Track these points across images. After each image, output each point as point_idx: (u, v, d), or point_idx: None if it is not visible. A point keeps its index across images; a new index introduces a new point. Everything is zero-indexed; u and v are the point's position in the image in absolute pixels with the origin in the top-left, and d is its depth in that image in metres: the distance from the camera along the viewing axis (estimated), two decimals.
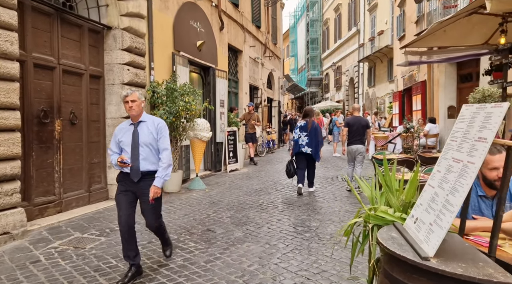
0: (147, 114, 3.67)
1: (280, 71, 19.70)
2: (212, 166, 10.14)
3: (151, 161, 3.55)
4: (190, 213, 5.95)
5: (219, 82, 10.24)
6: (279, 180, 9.02)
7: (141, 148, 3.51)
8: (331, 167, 11.35)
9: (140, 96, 3.57)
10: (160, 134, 3.57)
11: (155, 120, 3.65)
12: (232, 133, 10.55)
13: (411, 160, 5.94)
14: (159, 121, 3.65)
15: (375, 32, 26.80)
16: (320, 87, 43.19)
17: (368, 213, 1.90)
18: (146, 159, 3.52)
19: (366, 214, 1.91)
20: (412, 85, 15.25)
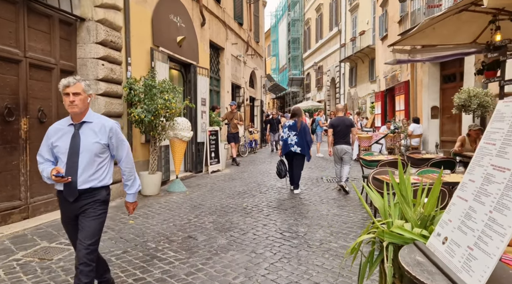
0: (94, 113, 2.83)
1: (263, 70, 19.41)
2: (193, 167, 9.76)
3: (93, 175, 2.71)
4: (170, 218, 5.58)
5: (200, 80, 9.86)
6: (263, 182, 8.72)
7: (81, 157, 2.67)
8: (315, 167, 11.12)
9: (86, 87, 2.73)
10: (116, 140, 2.80)
11: (106, 121, 2.79)
12: (214, 133, 10.19)
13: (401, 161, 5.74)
14: (111, 123, 2.80)
15: (357, 32, 26.85)
16: (302, 87, 43.17)
17: (382, 229, 1.61)
18: (86, 173, 2.68)
19: (380, 230, 1.62)
20: (394, 85, 15.22)
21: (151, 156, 7.08)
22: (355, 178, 9.01)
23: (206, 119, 10.18)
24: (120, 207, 6.13)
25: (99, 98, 6.17)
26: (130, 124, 6.88)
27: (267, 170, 10.57)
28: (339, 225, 5.22)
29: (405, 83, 13.78)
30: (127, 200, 3.04)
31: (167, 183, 8.02)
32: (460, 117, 10.76)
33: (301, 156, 7.33)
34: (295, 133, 7.28)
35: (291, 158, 7.43)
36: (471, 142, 6.48)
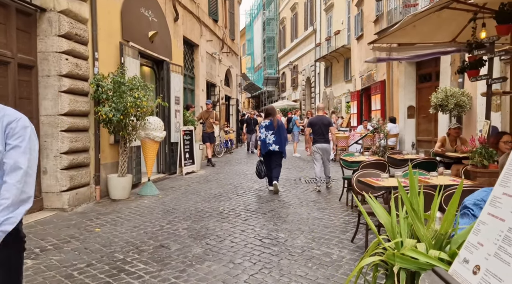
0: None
1: (238, 68, 19.09)
2: (166, 168, 9.33)
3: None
4: (140, 224, 5.18)
5: (174, 78, 9.44)
6: (239, 184, 8.40)
7: None
8: (292, 168, 10.90)
9: None
10: (13, 139, 1.89)
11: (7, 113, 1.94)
12: (188, 133, 9.79)
13: (382, 162, 5.56)
14: (13, 116, 1.93)
15: (332, 32, 26.91)
16: (277, 86, 43.10)
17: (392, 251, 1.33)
18: None
19: (389, 252, 1.34)
20: (370, 84, 15.22)
21: (121, 158, 6.65)
22: (333, 179, 8.83)
23: (180, 119, 9.78)
24: (86, 214, 5.68)
25: (62, 95, 5.69)
26: (98, 123, 6.42)
27: (243, 171, 10.26)
28: (321, 229, 4.97)
29: (381, 82, 13.77)
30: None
31: (138, 186, 7.59)
32: (436, 117, 10.77)
33: (279, 153, 7.45)
34: (272, 132, 7.35)
35: (269, 157, 7.46)
36: (451, 141, 6.39)
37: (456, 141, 6.41)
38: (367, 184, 3.87)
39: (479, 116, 8.45)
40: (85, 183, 6.21)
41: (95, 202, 6.42)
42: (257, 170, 7.57)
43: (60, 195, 5.71)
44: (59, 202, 5.71)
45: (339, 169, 9.86)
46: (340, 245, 4.38)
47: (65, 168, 5.75)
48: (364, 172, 4.50)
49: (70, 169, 5.85)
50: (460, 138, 6.40)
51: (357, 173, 4.47)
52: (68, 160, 5.77)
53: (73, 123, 5.88)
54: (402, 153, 6.57)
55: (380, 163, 5.59)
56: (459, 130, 6.34)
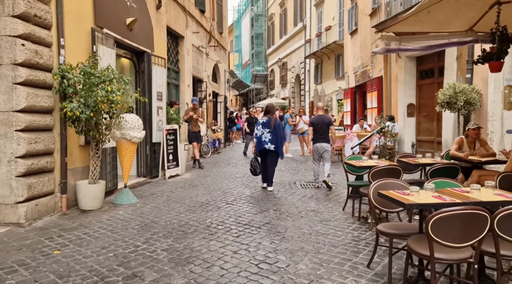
0: None
1: (226, 64, 18.20)
2: (147, 171, 8.42)
3: None
4: (111, 244, 4.30)
5: (156, 71, 8.53)
6: (229, 189, 7.54)
7: None
8: (285, 170, 10.09)
9: None
10: None
11: None
12: (172, 132, 8.89)
13: (396, 168, 4.78)
14: None
15: (322, 28, 26.22)
16: (265, 84, 42.30)
17: None
18: None
19: None
20: (366, 81, 14.51)
21: (92, 162, 5.73)
22: (333, 183, 8.06)
23: (163, 116, 8.87)
24: (46, 230, 4.76)
25: (18, 88, 4.76)
26: (65, 122, 5.49)
27: (233, 174, 9.41)
28: (328, 249, 4.17)
29: (378, 79, 13.07)
30: None
31: (114, 193, 6.68)
32: (439, 116, 10.10)
33: (275, 154, 7.33)
34: (268, 130, 7.24)
35: (264, 156, 7.38)
36: (470, 144, 5.65)
37: (474, 143, 5.67)
38: (393, 200, 3.06)
39: (491, 115, 7.77)
40: (48, 192, 5.28)
41: (61, 214, 5.49)
42: (252, 167, 7.48)
43: (15, 207, 4.78)
44: (14, 215, 4.78)
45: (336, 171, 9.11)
46: (355, 272, 3.57)
47: (21, 175, 4.82)
48: (383, 183, 3.70)
49: (29, 176, 4.92)
50: (480, 139, 5.66)
51: (375, 184, 3.67)
52: (26, 165, 4.84)
53: (32, 121, 4.94)
54: (415, 156, 5.79)
55: (394, 169, 4.81)
56: (478, 131, 5.60)
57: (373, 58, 13.81)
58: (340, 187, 7.74)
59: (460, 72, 8.84)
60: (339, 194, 7.06)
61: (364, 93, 15.83)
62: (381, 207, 3.64)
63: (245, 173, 9.48)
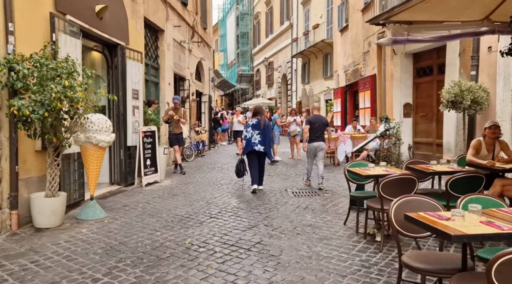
0: None
1: (211, 62, 17.32)
2: (122, 178, 7.52)
3: None
4: (63, 277, 3.42)
5: (131, 66, 7.63)
6: (213, 199, 6.70)
7: None
8: (275, 175, 9.29)
9: None
10: None
11: None
12: (150, 134, 8.00)
13: (411, 178, 4.02)
14: None
15: (310, 26, 25.60)
16: (251, 84, 41.53)
17: None
18: None
19: None
20: (358, 80, 13.83)
21: (49, 171, 4.82)
22: (328, 190, 7.30)
23: (140, 117, 7.97)
24: None
25: None
26: (15, 123, 4.58)
27: (217, 180, 8.56)
28: (334, 279, 3.38)
29: (371, 77, 12.40)
30: None
31: (79, 206, 5.77)
32: (439, 116, 9.46)
33: (264, 155, 7.39)
34: (258, 132, 7.25)
35: (253, 157, 7.33)
36: (488, 146, 4.94)
37: (494, 146, 4.96)
38: (431, 228, 2.28)
39: (499, 115, 7.11)
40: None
41: (9, 234, 4.58)
42: (236, 168, 7.45)
43: None
44: None
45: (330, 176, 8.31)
46: None
47: None
48: (406, 200, 2.92)
49: None
50: (500, 142, 4.95)
51: (396, 202, 2.89)
52: None
53: None
54: (427, 163, 5.05)
55: (408, 180, 4.05)
56: (496, 130, 4.89)
57: (365, 56, 13.15)
58: (337, 195, 6.98)
59: (464, 69, 8.20)
60: (337, 204, 6.30)
61: (355, 93, 15.17)
62: (405, 231, 2.87)
63: (231, 179, 8.66)
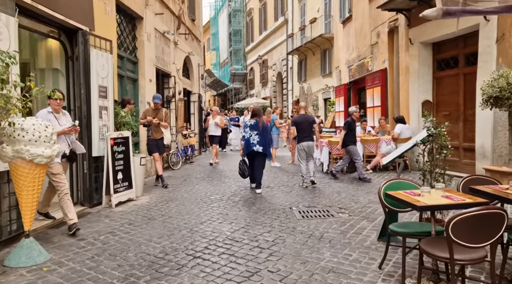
0: None
1: (201, 57, 15.80)
2: (86, 197, 6.01)
3: None
4: None
5: (97, 57, 6.13)
6: (199, 225, 5.21)
7: None
8: (275, 186, 7.83)
9: None
10: None
11: None
12: (122, 141, 6.49)
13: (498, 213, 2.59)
14: None
15: (306, 21, 24.21)
16: (245, 83, 40.07)
17: None
18: None
19: None
20: (364, 75, 12.40)
21: None
22: (342, 207, 5.88)
23: (109, 120, 6.46)
24: None
25: None
26: None
27: (207, 195, 7.08)
28: None
29: (381, 72, 10.99)
30: None
31: (10, 246, 4.25)
32: (467, 115, 8.08)
33: (263, 155, 7.38)
34: (256, 132, 7.28)
35: (253, 158, 7.38)
36: None
37: None
38: None
39: None
40: None
41: None
42: (240, 170, 7.47)
43: None
44: None
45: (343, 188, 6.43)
46: None
47: None
48: None
49: None
50: None
51: None
52: None
53: None
54: (495, 181, 3.61)
55: (494, 215, 2.61)
56: None
57: (373, 48, 11.74)
58: (356, 217, 5.54)
59: (503, 59, 6.80)
60: (359, 231, 4.86)
61: (360, 90, 13.77)
62: None
63: (223, 193, 7.20)
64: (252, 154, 7.28)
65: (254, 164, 7.34)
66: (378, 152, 9.39)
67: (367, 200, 6.58)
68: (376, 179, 8.59)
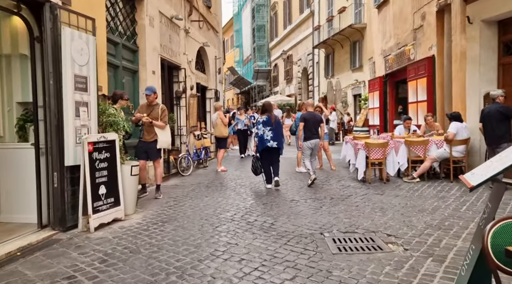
0: None
1: (218, 50, 14.39)
2: (57, 219, 4.68)
3: None
4: None
5: (72, 38, 4.79)
6: (197, 265, 3.74)
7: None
8: (300, 200, 6.29)
9: None
10: None
11: None
12: (106, 146, 5.11)
13: None
14: None
15: (334, 11, 22.48)
16: (268, 80, 38.53)
17: None
18: None
19: None
20: (405, 65, 10.67)
21: None
22: (389, 236, 4.32)
23: (90, 120, 5.10)
24: None
25: None
26: None
27: (216, 213, 5.63)
28: None
29: (427, 60, 9.25)
30: None
31: None
32: None
33: (277, 151, 7.36)
34: (270, 128, 7.24)
35: (267, 154, 7.31)
36: None
37: None
38: None
39: None
40: None
41: None
42: (253, 167, 7.38)
43: None
44: None
45: (386, 203, 4.77)
46: None
47: None
48: None
49: None
50: None
51: None
52: None
53: None
54: None
55: None
56: None
57: (416, 33, 10.00)
58: (414, 251, 3.96)
59: None
60: (426, 273, 3.28)
61: (398, 83, 12.03)
62: None
63: (236, 209, 5.76)
64: (267, 150, 7.25)
65: (271, 160, 7.35)
66: (426, 156, 7.71)
67: (423, 223, 4.98)
68: (426, 189, 6.94)
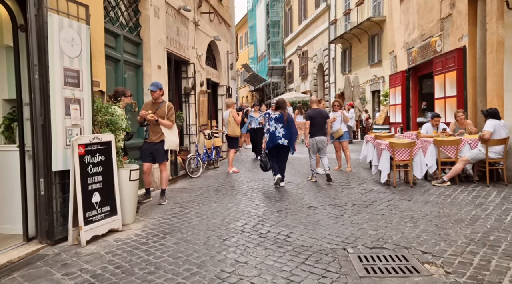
0: None
1: (231, 45, 13.79)
2: (44, 231, 4.15)
3: None
4: None
5: (61, 27, 4.25)
6: None
7: None
8: (319, 206, 5.64)
9: None
10: None
11: None
12: (100, 148, 4.56)
13: None
14: None
15: (351, 4, 21.67)
16: (283, 77, 37.80)
17: None
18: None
19: None
20: (431, 58, 9.87)
21: None
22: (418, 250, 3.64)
23: (84, 119, 4.56)
24: None
25: None
26: None
27: (224, 222, 5.03)
28: None
29: (457, 52, 8.46)
30: None
31: None
32: None
33: (287, 149, 7.26)
34: (282, 125, 7.14)
35: (277, 151, 7.18)
36: None
37: None
38: None
39: None
40: None
41: None
42: (262, 162, 7.18)
43: None
44: None
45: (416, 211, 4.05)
46: None
47: None
48: None
49: None
50: None
51: None
52: None
53: None
54: None
55: None
56: None
57: (444, 23, 9.21)
58: (458, 274, 3.28)
59: None
60: None
61: (422, 78, 11.23)
62: None
63: (248, 218, 5.16)
64: (277, 147, 7.14)
65: (280, 157, 7.23)
66: (458, 158, 6.97)
67: (462, 238, 4.28)
68: (459, 195, 6.22)
